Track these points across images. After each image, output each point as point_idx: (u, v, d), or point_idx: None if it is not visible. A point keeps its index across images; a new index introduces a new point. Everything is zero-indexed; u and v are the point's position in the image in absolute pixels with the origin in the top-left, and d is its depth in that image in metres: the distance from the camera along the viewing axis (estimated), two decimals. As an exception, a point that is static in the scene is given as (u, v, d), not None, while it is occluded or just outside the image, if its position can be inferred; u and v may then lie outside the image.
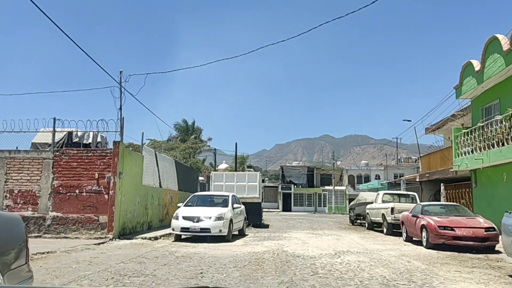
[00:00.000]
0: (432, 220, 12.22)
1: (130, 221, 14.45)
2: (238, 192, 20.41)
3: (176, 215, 13.52)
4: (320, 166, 58.04)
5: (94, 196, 13.56)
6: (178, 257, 9.53)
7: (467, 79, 17.45)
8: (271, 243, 12.93)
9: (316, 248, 11.83)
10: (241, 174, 21.53)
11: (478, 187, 17.51)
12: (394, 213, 17.18)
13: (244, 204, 19.79)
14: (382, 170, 53.02)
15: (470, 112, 18.89)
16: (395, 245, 13.21)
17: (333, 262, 9.05)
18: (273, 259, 9.40)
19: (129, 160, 14.32)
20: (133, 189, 14.65)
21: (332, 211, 50.03)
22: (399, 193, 21.00)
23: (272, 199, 55.44)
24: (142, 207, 15.63)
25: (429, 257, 10.37)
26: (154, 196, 17.10)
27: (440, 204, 14.42)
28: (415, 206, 14.68)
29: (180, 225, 13.14)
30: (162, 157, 18.66)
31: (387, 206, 18.08)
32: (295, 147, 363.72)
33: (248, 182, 20.79)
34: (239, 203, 15.82)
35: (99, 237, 13.00)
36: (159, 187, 17.82)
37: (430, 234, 12.02)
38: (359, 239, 15.48)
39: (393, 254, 10.84)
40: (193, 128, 55.74)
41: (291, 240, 14.32)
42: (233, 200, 14.92)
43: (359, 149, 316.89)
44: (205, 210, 13.70)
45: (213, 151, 50.61)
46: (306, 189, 52.67)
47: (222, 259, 9.31)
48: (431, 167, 23.47)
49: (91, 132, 15.01)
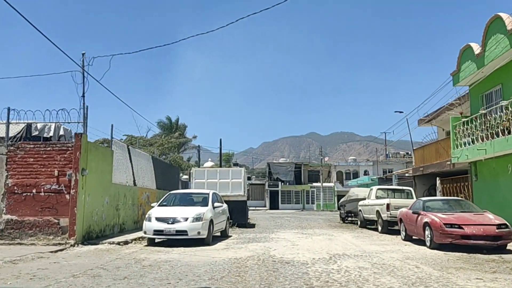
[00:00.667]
0: (437, 217, 10.87)
1: (97, 224, 12.80)
2: (222, 189, 18.94)
3: (148, 216, 11.93)
4: (307, 163, 56.78)
5: (53, 196, 11.87)
6: (145, 267, 7.97)
7: (465, 64, 16.19)
8: (257, 246, 11.44)
9: (307, 251, 10.38)
10: (224, 171, 20.00)
11: (479, 181, 16.29)
12: (390, 209, 15.85)
13: (228, 203, 18.34)
14: (371, 166, 52.02)
15: (468, 100, 17.67)
16: (395, 246, 11.84)
17: (329, 270, 7.59)
18: (258, 267, 7.91)
19: (95, 155, 12.67)
20: (100, 187, 13.00)
21: (320, 208, 48.83)
22: (394, 188, 19.73)
23: (259, 197, 54.01)
24: (112, 207, 13.98)
25: (437, 260, 9.00)
26: (127, 195, 15.46)
27: (443, 199, 13.13)
28: (415, 202, 13.35)
29: (153, 227, 11.56)
30: (137, 152, 17.01)
31: (382, 202, 16.75)
32: (282, 145, 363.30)
33: (232, 179, 19.29)
34: (221, 202, 14.29)
35: (58, 243, 11.33)
36: (133, 186, 16.17)
37: (435, 233, 10.66)
38: (354, 238, 14.10)
39: (395, 257, 9.44)
40: (177, 125, 53.94)
41: (279, 241, 12.86)
42: (213, 199, 13.39)
43: (346, 146, 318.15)
44: (181, 210, 12.15)
45: (197, 148, 48.99)
46: (293, 186, 51.38)
47: (197, 268, 7.78)
48: (426, 161, 22.26)
49: (53, 124, 13.30)
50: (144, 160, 18.01)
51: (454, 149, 16.84)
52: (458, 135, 16.56)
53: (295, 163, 55.02)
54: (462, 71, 16.47)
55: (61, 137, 13.64)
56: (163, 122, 52.75)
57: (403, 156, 62.11)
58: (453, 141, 16.91)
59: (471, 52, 15.67)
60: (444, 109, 19.66)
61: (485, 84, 15.76)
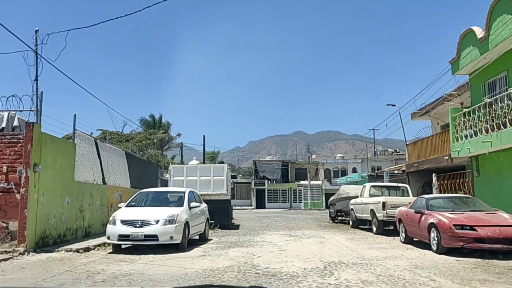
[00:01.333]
0: (445, 218, 9.49)
1: (55, 228, 11.11)
2: (203, 188, 17.39)
3: (112, 218, 10.30)
4: (294, 160, 55.42)
5: (1, 196, 10.16)
6: (96, 284, 6.38)
7: (466, 50, 14.90)
8: (239, 253, 9.90)
9: (297, 259, 8.89)
10: (205, 167, 18.41)
11: (481, 176, 15.03)
12: (386, 208, 14.48)
13: (209, 202, 16.87)
14: (359, 163, 50.90)
15: (467, 90, 16.41)
16: (396, 250, 10.44)
17: (324, 285, 6.12)
18: (237, 282, 6.39)
19: (52, 148, 10.98)
20: (59, 186, 11.31)
21: (308, 207, 47.52)
22: (389, 185, 18.38)
23: (245, 196, 52.47)
24: (75, 209, 12.30)
25: (452, 269, 7.59)
26: (95, 194, 13.77)
27: (448, 197, 11.79)
28: (416, 200, 11.98)
29: (118, 231, 9.93)
30: (107, 147, 15.31)
31: (377, 200, 15.38)
32: (268, 144, 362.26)
33: (213, 176, 17.71)
34: (199, 201, 12.74)
35: (5, 250, 9.60)
36: (102, 184, 14.49)
37: (443, 235, 9.28)
38: (348, 241, 12.67)
39: (401, 265, 8.02)
40: (161, 123, 52.12)
41: (265, 246, 11.35)
42: (190, 198, 11.81)
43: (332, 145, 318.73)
44: (152, 211, 10.55)
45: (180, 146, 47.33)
46: (280, 184, 49.97)
47: (162, 284, 6.24)
48: (420, 156, 21.00)
49: (5, 113, 11.54)
50: (117, 156, 16.31)
51: (454, 143, 15.55)
52: (458, 127, 15.27)
53: (282, 161, 53.65)
54: (462, 58, 15.17)
55: (15, 128, 11.88)
56: (145, 119, 50.91)
57: (391, 154, 61.35)
58: (453, 134, 15.62)
59: (473, 37, 14.37)
60: (441, 100, 18.39)
61: (488, 72, 14.48)
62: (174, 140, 51.68)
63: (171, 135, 51.94)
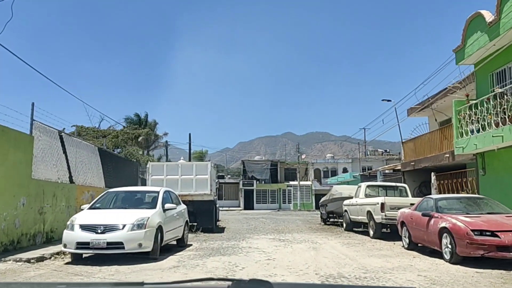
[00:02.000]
0: (461, 222, 8.15)
1: (6, 233, 9.50)
2: (184, 188, 15.91)
3: (70, 223, 8.75)
4: (284, 160, 54.07)
5: None
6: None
7: (473, 36, 13.65)
8: (219, 263, 8.43)
9: (288, 271, 7.46)
10: (187, 165, 16.87)
11: (488, 175, 13.77)
12: (385, 210, 13.14)
13: (191, 203, 15.42)
14: (350, 163, 49.73)
15: (472, 81, 15.16)
16: (401, 258, 9.07)
17: (326, 312, 4.68)
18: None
19: (3, 141, 9.39)
20: (11, 184, 9.71)
21: (297, 208, 46.19)
22: (386, 185, 17.05)
23: (233, 197, 50.95)
24: (33, 211, 10.69)
25: (476, 284, 6.23)
26: (59, 195, 12.17)
27: (459, 197, 10.48)
28: (422, 201, 10.64)
29: (75, 238, 8.38)
30: (75, 142, 13.70)
31: (374, 201, 14.03)
32: (258, 145, 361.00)
33: (196, 175, 16.21)
34: (177, 202, 11.24)
35: None
36: (68, 183, 12.89)
37: (459, 242, 7.93)
38: (344, 247, 11.28)
39: (414, 279, 6.63)
40: (146, 121, 50.34)
41: (250, 253, 9.89)
42: (165, 198, 10.30)
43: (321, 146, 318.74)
44: (119, 214, 9.03)
45: (165, 144, 45.71)
46: (269, 185, 48.54)
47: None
48: (418, 154, 19.75)
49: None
50: (88, 152, 14.71)
51: (457, 139, 14.28)
52: (463, 121, 14.01)
53: (271, 160, 52.17)
54: (468, 45, 13.91)
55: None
56: (130, 118, 49.05)
57: (381, 154, 60.44)
58: (457, 128, 14.35)
59: (481, 21, 13.12)
60: (442, 94, 17.12)
61: (497, 60, 13.22)
62: (160, 139, 50.08)
63: (157, 134, 50.28)
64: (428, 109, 20.56)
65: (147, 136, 46.28)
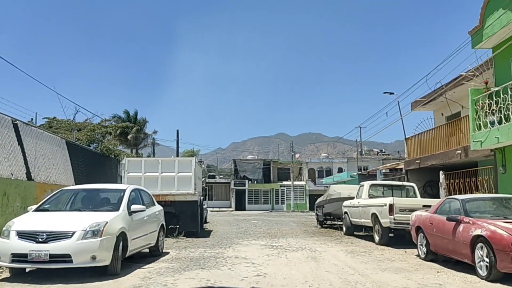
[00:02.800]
0: (503, 229, 6.42)
1: None
2: (165, 186, 14.14)
3: (6, 229, 6.88)
4: (277, 160, 52.29)
5: None
6: None
7: (494, 15, 11.96)
8: (194, 280, 6.60)
9: (283, 294, 5.68)
10: (168, 161, 15.01)
11: (509, 173, 12.11)
12: (394, 212, 11.40)
13: (173, 204, 13.65)
14: (345, 163, 48.12)
15: (490, 67, 13.49)
16: (423, 273, 7.32)
17: None
18: None
19: None
20: None
21: (290, 209, 44.45)
22: (392, 184, 15.31)
23: (224, 197, 49.11)
24: (-27, 213, 8.80)
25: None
26: (12, 193, 10.27)
27: (491, 198, 8.79)
28: (444, 202, 8.92)
29: (11, 249, 6.53)
30: (36, 132, 11.81)
31: (380, 202, 12.29)
32: (250, 145, 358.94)
33: (179, 172, 14.39)
34: (149, 203, 9.42)
35: None
36: (25, 179, 11.00)
37: (501, 255, 6.21)
38: (348, 257, 9.53)
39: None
40: (136, 119, 48.32)
41: (236, 266, 8.08)
42: (134, 198, 8.47)
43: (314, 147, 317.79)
44: (68, 218, 7.18)
45: (152, 141, 43.95)
46: (262, 185, 46.73)
47: None
48: (423, 151, 18.08)
49: None
50: (52, 145, 12.81)
51: (474, 132, 12.58)
52: (481, 112, 12.33)
53: (264, 160, 50.33)
54: (487, 26, 12.22)
55: None
56: (119, 116, 46.95)
57: (377, 154, 59.09)
58: (473, 120, 12.65)
59: (504, -3, 11.45)
60: (458, 81, 15.40)
61: (522, 42, 11.59)
62: (149, 138, 48.23)
63: (146, 132, 48.40)
64: (434, 103, 18.91)
65: (136, 134, 44.43)
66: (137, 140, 46.00)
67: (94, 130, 17.73)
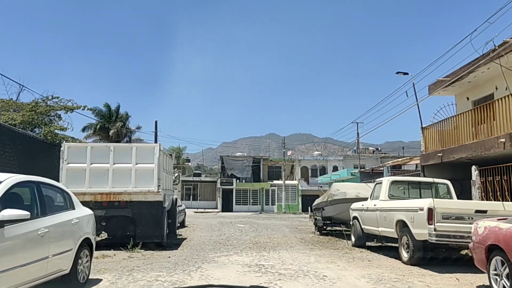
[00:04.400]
0: None
1: None
2: (118, 182, 10.78)
3: None
4: (267, 157, 48.76)
5: None
6: None
7: None
8: None
9: None
10: (123, 148, 11.39)
11: None
12: (435, 220, 7.93)
13: (129, 205, 10.26)
14: (341, 161, 44.82)
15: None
16: None
17: None
18: None
19: None
20: None
21: (282, 211, 40.99)
22: (419, 180, 11.78)
23: (210, 197, 45.48)
24: None
25: None
26: None
27: None
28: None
29: None
30: None
31: (411, 205, 8.83)
32: (241, 145, 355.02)
33: (137, 163, 10.85)
34: (62, 206, 5.89)
35: None
36: None
37: None
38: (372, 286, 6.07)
39: None
40: (118, 114, 44.48)
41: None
42: (11, 199, 4.89)
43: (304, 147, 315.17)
44: None
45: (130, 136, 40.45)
46: (251, 184, 43.12)
47: None
48: (446, 143, 14.75)
49: None
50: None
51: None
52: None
53: (253, 157, 46.67)
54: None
55: None
56: (99, 109, 43.02)
57: (372, 152, 56.15)
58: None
59: None
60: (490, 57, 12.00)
61: None
62: (133, 134, 44.63)
63: (129, 127, 44.74)
64: (459, 84, 15.59)
65: (119, 129, 40.98)
66: (119, 136, 42.38)
67: (36, 110, 13.99)
